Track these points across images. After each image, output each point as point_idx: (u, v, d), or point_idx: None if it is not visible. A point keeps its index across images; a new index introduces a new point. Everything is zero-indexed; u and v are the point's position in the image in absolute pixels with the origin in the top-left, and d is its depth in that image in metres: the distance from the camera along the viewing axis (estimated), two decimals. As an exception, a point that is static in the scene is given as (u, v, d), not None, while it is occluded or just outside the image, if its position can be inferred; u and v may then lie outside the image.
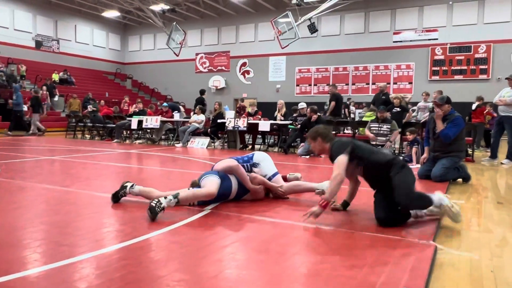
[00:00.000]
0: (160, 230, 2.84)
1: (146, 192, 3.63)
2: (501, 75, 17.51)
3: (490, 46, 19.06)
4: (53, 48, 24.91)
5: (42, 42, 24.21)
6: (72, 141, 12.33)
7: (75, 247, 2.45)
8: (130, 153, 8.81)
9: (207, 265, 2.22)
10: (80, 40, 26.49)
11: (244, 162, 3.98)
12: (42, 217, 3.18)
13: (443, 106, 5.57)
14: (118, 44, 29.26)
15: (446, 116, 5.55)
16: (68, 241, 2.57)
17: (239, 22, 25.01)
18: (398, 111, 9.64)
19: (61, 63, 24.60)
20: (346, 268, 2.21)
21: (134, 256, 2.32)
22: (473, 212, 3.82)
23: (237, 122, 10.22)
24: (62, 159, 7.30)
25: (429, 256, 2.42)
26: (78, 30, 26.33)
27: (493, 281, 2.15)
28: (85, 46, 26.83)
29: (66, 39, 25.62)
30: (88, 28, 26.98)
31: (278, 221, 3.20)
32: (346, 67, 22.19)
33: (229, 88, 25.57)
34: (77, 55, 26.22)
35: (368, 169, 3.35)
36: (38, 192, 4.17)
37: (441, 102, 5.60)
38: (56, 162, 6.90)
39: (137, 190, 3.62)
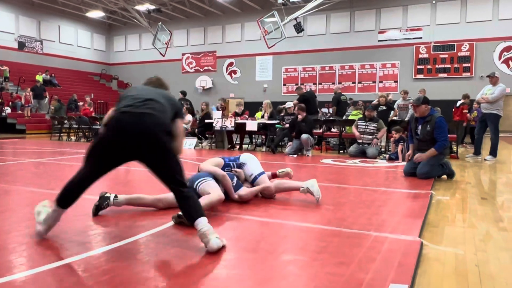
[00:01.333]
0: (147, 232, 2.82)
1: (134, 199, 3.41)
2: (484, 73, 17.84)
3: (473, 45, 19.39)
4: (36, 49, 24.54)
5: (25, 43, 23.84)
6: (57, 143, 12.16)
7: (61, 250, 2.43)
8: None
9: (196, 266, 2.21)
10: (64, 40, 26.14)
11: (231, 161, 4.00)
12: (28, 220, 3.13)
13: (420, 107, 5.53)
14: (103, 45, 28.95)
15: (426, 117, 5.53)
16: (54, 244, 2.54)
17: (225, 22, 24.98)
18: (384, 110, 9.75)
19: (45, 64, 24.24)
20: (334, 265, 2.23)
21: (121, 258, 2.31)
22: (458, 208, 3.88)
23: (225, 122, 10.21)
24: (47, 162, 7.20)
25: (415, 252, 2.45)
26: (62, 30, 25.98)
27: (478, 275, 2.19)
28: (69, 46, 26.49)
29: (50, 39, 25.27)
30: (72, 29, 26.64)
31: (267, 220, 3.21)
32: (332, 66, 22.34)
33: (216, 88, 25.51)
34: (61, 56, 25.88)
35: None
36: (23, 196, 4.11)
37: (417, 104, 5.56)
38: (41, 165, 6.80)
39: (122, 199, 3.34)
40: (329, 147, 10.44)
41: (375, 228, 2.98)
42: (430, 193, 4.40)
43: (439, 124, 5.41)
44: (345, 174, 6.04)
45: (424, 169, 5.42)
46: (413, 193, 4.46)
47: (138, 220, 3.15)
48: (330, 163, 7.45)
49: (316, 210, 3.59)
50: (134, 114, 2.48)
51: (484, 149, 8.95)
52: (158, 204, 3.44)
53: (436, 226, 3.18)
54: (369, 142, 8.42)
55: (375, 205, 3.82)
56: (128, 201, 3.39)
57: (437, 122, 5.40)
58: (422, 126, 5.56)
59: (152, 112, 2.50)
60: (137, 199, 3.43)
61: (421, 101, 5.56)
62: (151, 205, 3.45)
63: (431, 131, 5.44)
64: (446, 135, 5.46)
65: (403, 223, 3.17)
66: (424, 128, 5.52)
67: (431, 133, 5.45)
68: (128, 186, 4.75)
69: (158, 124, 2.49)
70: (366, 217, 3.31)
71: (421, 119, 5.60)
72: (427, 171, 5.40)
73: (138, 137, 2.44)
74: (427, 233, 2.95)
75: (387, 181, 5.46)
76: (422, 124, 5.57)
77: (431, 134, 5.45)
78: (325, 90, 22.53)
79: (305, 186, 3.92)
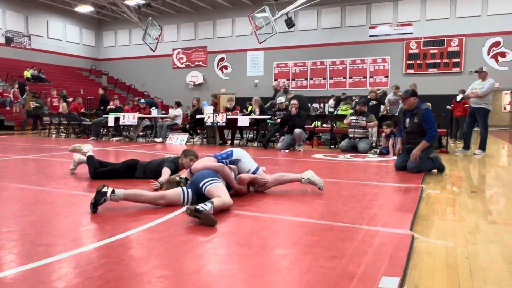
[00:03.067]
0: (140, 227, 2.81)
1: (133, 195, 3.31)
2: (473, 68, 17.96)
3: (462, 40, 19.56)
4: (24, 44, 24.21)
5: (12, 38, 23.51)
6: (46, 140, 12.03)
7: (52, 247, 2.40)
8: (108, 151, 8.66)
9: (188, 261, 2.21)
10: (52, 36, 25.82)
11: (223, 159, 3.93)
12: (17, 217, 3.10)
13: (409, 99, 5.62)
14: (92, 40, 28.66)
15: (413, 109, 5.60)
16: (44, 240, 2.51)
17: (216, 17, 24.87)
18: (374, 105, 9.79)
19: (33, 59, 23.94)
20: (327, 259, 2.24)
21: (113, 254, 2.29)
22: (448, 201, 3.92)
23: (216, 117, 10.18)
24: (36, 158, 7.12)
25: (406, 245, 2.47)
26: (50, 25, 25.65)
27: (468, 267, 2.21)
28: (58, 42, 26.18)
29: (38, 35, 24.94)
30: (61, 24, 26.32)
31: (259, 214, 3.21)
32: (324, 62, 22.38)
33: (207, 83, 25.43)
34: (50, 51, 25.56)
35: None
36: (13, 192, 4.06)
37: (406, 96, 5.66)
38: (30, 161, 6.73)
39: (120, 194, 3.21)
40: (320, 142, 10.47)
41: (367, 222, 2.99)
42: (420, 187, 4.44)
43: (427, 116, 5.49)
44: (336, 169, 6.07)
45: (415, 163, 5.47)
46: (404, 187, 4.49)
47: (131, 216, 3.13)
48: (321, 158, 7.47)
49: (309, 205, 3.60)
50: None
51: (473, 144, 9.04)
52: (159, 201, 3.35)
53: (426, 219, 3.21)
54: (360, 137, 8.46)
55: (367, 199, 3.84)
56: (127, 196, 3.26)
57: (424, 114, 5.48)
58: (410, 119, 5.65)
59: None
60: (136, 195, 3.32)
61: (409, 93, 5.66)
62: (151, 202, 3.35)
63: (419, 123, 5.52)
64: (435, 126, 5.56)
65: (395, 217, 3.19)
66: (412, 120, 5.61)
67: (419, 125, 5.52)
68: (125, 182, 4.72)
69: None
70: (357, 211, 3.33)
71: (409, 112, 5.69)
72: (417, 165, 5.45)
73: None
74: (418, 226, 2.98)
75: (378, 175, 5.49)
76: (410, 117, 5.65)
77: (419, 126, 5.52)
78: (316, 85, 22.59)
79: (306, 177, 3.99)
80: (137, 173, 4.84)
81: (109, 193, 3.16)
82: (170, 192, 3.44)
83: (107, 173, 4.80)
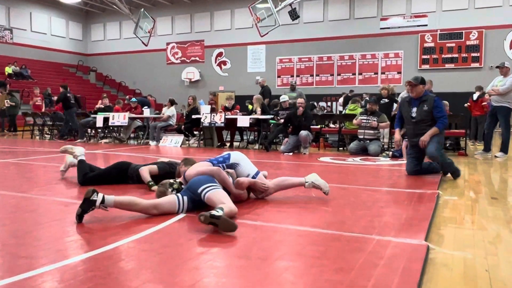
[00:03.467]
0: (130, 238, 2.81)
1: (125, 203, 3.27)
2: (494, 62, 17.94)
3: (482, 33, 19.53)
4: (5, 38, 24.28)
5: (-7, 31, 23.58)
6: (30, 142, 12.06)
7: (34, 259, 2.40)
8: (96, 154, 8.67)
9: (183, 274, 2.21)
10: (36, 29, 25.88)
11: (220, 163, 3.93)
12: (-3, 226, 3.11)
13: (418, 87, 5.64)
14: (79, 34, 28.73)
15: (422, 97, 5.65)
16: (26, 252, 2.52)
17: (214, 8, 24.90)
18: (386, 103, 9.79)
19: (15, 55, 24.01)
20: (334, 271, 2.23)
21: (101, 267, 2.29)
22: (466, 208, 3.92)
23: (214, 117, 10.18)
24: (18, 162, 7.14)
25: (421, 257, 2.47)
26: (33, 18, 25.72)
27: (488, 280, 2.21)
28: (42, 35, 26.24)
29: (21, 28, 25.00)
30: (45, 16, 26.39)
31: (260, 223, 3.21)
32: (331, 56, 22.38)
33: (204, 80, 25.45)
34: (34, 46, 25.62)
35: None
36: (-8, 199, 4.07)
37: (416, 82, 5.65)
38: (12, 166, 6.74)
39: (111, 202, 3.17)
40: (327, 144, 10.47)
41: (378, 231, 2.99)
42: (436, 192, 4.43)
43: (438, 103, 5.57)
44: (345, 173, 6.06)
45: (434, 147, 5.43)
46: (418, 193, 4.48)
47: (120, 225, 3.13)
48: (328, 161, 7.47)
49: (314, 212, 3.60)
50: None
51: (495, 146, 9.03)
52: (152, 210, 3.33)
53: (443, 228, 3.20)
54: (371, 138, 8.46)
55: (378, 206, 3.84)
56: (118, 204, 3.22)
57: (435, 101, 5.57)
58: (418, 107, 5.66)
59: None
60: (129, 203, 3.29)
61: (419, 80, 5.68)
62: (144, 211, 3.33)
63: (429, 111, 5.55)
64: (445, 114, 5.65)
65: (408, 226, 3.19)
66: (420, 108, 5.62)
67: (429, 113, 5.56)
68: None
69: None
70: (367, 220, 3.32)
71: (416, 100, 5.71)
72: (437, 148, 5.44)
73: None
74: (434, 236, 2.97)
75: (390, 180, 5.49)
76: (418, 105, 5.67)
77: (429, 114, 5.56)
78: (322, 82, 22.58)
79: (310, 181, 4.00)
80: (129, 177, 4.85)
81: (98, 201, 3.12)
82: (164, 201, 3.43)
83: (97, 178, 4.80)
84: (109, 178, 4.83)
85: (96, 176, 4.84)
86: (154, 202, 3.39)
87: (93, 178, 4.80)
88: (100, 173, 4.88)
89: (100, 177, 4.83)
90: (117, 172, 4.88)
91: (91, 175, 4.84)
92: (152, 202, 3.39)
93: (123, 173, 4.87)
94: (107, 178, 4.82)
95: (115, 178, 4.84)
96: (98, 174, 4.87)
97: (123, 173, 4.87)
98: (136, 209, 3.32)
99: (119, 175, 4.86)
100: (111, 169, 4.92)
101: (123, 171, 4.88)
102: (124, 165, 4.95)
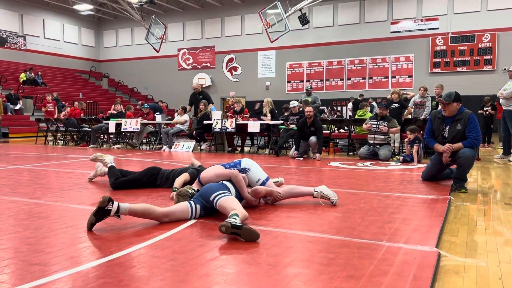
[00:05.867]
0: (141, 244, 2.83)
1: (140, 211, 3.27)
2: (507, 65, 17.80)
3: (495, 35, 19.35)
4: (19, 45, 24.68)
5: (6, 38, 23.99)
6: (43, 148, 12.21)
7: (47, 266, 2.43)
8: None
9: (193, 281, 2.22)
10: (49, 36, 26.28)
11: (231, 167, 4.03)
12: (10, 233, 3.14)
13: (451, 105, 5.07)
14: (92, 40, 29.09)
15: (456, 115, 5.11)
16: (39, 259, 2.55)
17: (224, 14, 25.05)
18: (396, 107, 9.73)
19: (28, 61, 24.39)
20: (343, 279, 2.22)
21: (113, 274, 2.31)
22: (479, 214, 3.87)
23: (225, 123, 10.22)
24: (31, 168, 7.23)
25: (432, 264, 2.45)
26: (46, 25, 26.12)
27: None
28: (55, 42, 26.63)
29: (34, 35, 25.41)
30: (58, 23, 26.78)
31: (270, 229, 3.21)
32: (341, 61, 22.35)
33: (215, 86, 25.57)
34: (47, 52, 26.01)
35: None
36: (5, 206, 4.12)
37: (448, 101, 5.06)
38: (25, 172, 6.83)
39: (125, 210, 3.16)
40: (337, 148, 10.44)
41: (388, 238, 2.97)
42: (448, 198, 4.39)
43: (472, 120, 5.04)
44: (355, 178, 6.03)
45: (469, 151, 5.00)
46: (429, 199, 4.45)
47: (132, 231, 3.15)
48: (338, 166, 7.45)
49: (324, 218, 3.59)
50: None
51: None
52: (163, 219, 3.35)
53: (455, 235, 3.17)
54: (381, 143, 8.41)
55: (388, 212, 3.81)
56: (132, 212, 3.23)
57: (470, 118, 5.04)
58: (451, 126, 5.15)
59: None
60: (142, 212, 3.29)
61: (452, 98, 5.07)
62: (157, 219, 3.35)
63: (462, 130, 5.05)
64: (479, 134, 5.08)
65: (419, 232, 3.16)
66: (453, 127, 5.12)
67: (462, 133, 5.06)
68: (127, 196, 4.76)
69: None
70: (378, 226, 3.30)
71: (449, 118, 5.18)
72: (472, 154, 5.03)
73: None
74: (445, 243, 2.94)
75: (401, 185, 5.45)
76: (451, 124, 5.15)
77: (462, 134, 5.06)
78: (332, 87, 22.55)
79: (319, 190, 4.07)
80: (159, 182, 5.04)
81: (113, 211, 3.12)
82: (177, 210, 3.45)
83: (128, 183, 5.00)
84: (140, 183, 5.03)
85: (127, 181, 5.02)
86: (168, 210, 3.41)
87: (125, 182, 4.99)
88: (131, 179, 5.05)
89: (131, 182, 5.02)
90: (148, 177, 5.06)
91: (123, 180, 5.01)
92: (166, 210, 3.40)
93: (154, 179, 5.06)
94: (138, 184, 5.03)
95: (145, 183, 5.05)
96: (129, 180, 5.04)
97: (153, 179, 5.06)
98: (150, 217, 3.35)
99: (150, 180, 5.05)
100: (142, 175, 5.09)
101: (153, 176, 5.07)
102: (154, 171, 5.12)
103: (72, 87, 24.67)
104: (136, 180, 5.03)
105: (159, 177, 5.04)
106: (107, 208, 3.11)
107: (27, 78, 22.38)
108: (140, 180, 5.03)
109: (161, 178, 5.03)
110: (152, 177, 5.05)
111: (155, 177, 5.05)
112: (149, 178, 5.04)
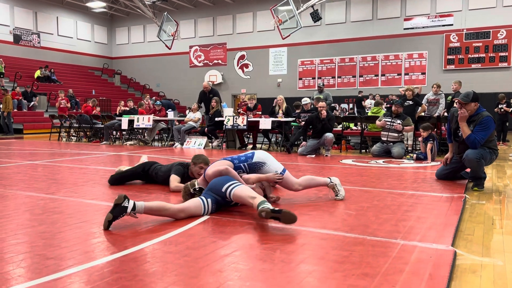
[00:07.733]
0: (154, 240, 2.84)
1: (156, 208, 3.28)
2: (523, 63, 17.58)
3: (510, 31, 19.04)
4: (33, 42, 24.94)
5: (21, 36, 24.24)
6: (57, 144, 12.33)
7: (62, 260, 2.45)
8: (121, 156, 8.81)
9: (207, 277, 2.22)
10: (62, 33, 26.51)
11: (241, 162, 4.00)
12: (26, 228, 3.18)
13: (469, 105, 4.88)
14: (104, 37, 29.28)
15: (472, 116, 4.93)
16: (54, 253, 2.57)
17: (236, 11, 25.03)
18: (410, 105, 9.63)
19: (42, 58, 24.64)
20: (358, 277, 2.21)
21: (127, 269, 2.33)
22: (495, 212, 3.82)
23: (236, 120, 10.22)
24: (46, 164, 7.31)
25: (448, 263, 2.42)
26: (60, 22, 26.35)
27: (519, 288, 2.15)
28: (69, 39, 26.85)
29: (48, 32, 25.65)
30: (71, 20, 27.00)
31: (283, 226, 3.20)
32: (353, 58, 22.19)
33: (227, 83, 25.59)
34: (60, 49, 26.24)
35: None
36: (21, 201, 4.17)
37: (466, 101, 4.88)
38: (40, 167, 6.91)
39: (141, 208, 3.16)
40: (349, 146, 10.38)
41: (403, 236, 2.95)
42: (463, 196, 4.34)
43: (484, 121, 4.83)
44: (367, 176, 5.99)
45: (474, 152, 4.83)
46: (444, 197, 4.40)
47: (146, 227, 3.17)
48: (350, 163, 7.40)
49: (337, 216, 3.57)
50: None
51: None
52: (179, 214, 3.36)
53: (471, 233, 3.13)
54: (394, 141, 8.34)
55: (402, 210, 3.78)
56: (148, 210, 3.23)
57: (482, 120, 4.83)
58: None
59: None
60: (158, 209, 3.29)
61: (470, 98, 4.88)
62: (172, 216, 3.36)
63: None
64: (484, 137, 4.84)
65: (434, 230, 3.13)
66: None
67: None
68: (139, 191, 4.79)
69: None
70: (392, 224, 3.28)
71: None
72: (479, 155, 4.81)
73: None
74: (461, 241, 2.91)
75: (415, 183, 5.40)
76: (467, 124, 4.97)
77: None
78: (344, 84, 22.42)
79: (334, 182, 4.15)
80: (151, 177, 5.07)
81: (129, 208, 3.11)
82: (191, 205, 3.46)
83: (124, 178, 5.12)
84: (133, 177, 5.13)
85: (123, 176, 5.12)
86: (182, 206, 3.43)
87: (122, 177, 5.11)
88: (127, 173, 5.14)
89: (125, 177, 5.12)
90: (141, 171, 5.11)
91: (117, 176, 5.12)
92: (180, 206, 3.43)
93: (146, 173, 5.10)
94: (132, 177, 5.13)
95: (140, 177, 5.13)
96: (124, 175, 5.14)
97: (145, 173, 5.10)
98: (165, 214, 3.36)
99: (142, 174, 5.12)
100: (136, 168, 5.16)
101: (145, 171, 5.10)
102: (147, 165, 5.15)
103: (85, 84, 24.87)
104: (129, 175, 5.12)
105: (150, 172, 5.05)
106: (124, 205, 3.10)
107: (42, 75, 22.61)
108: (133, 174, 5.12)
109: (151, 172, 5.05)
110: (144, 171, 5.08)
111: (147, 172, 5.07)
112: (142, 171, 5.10)
